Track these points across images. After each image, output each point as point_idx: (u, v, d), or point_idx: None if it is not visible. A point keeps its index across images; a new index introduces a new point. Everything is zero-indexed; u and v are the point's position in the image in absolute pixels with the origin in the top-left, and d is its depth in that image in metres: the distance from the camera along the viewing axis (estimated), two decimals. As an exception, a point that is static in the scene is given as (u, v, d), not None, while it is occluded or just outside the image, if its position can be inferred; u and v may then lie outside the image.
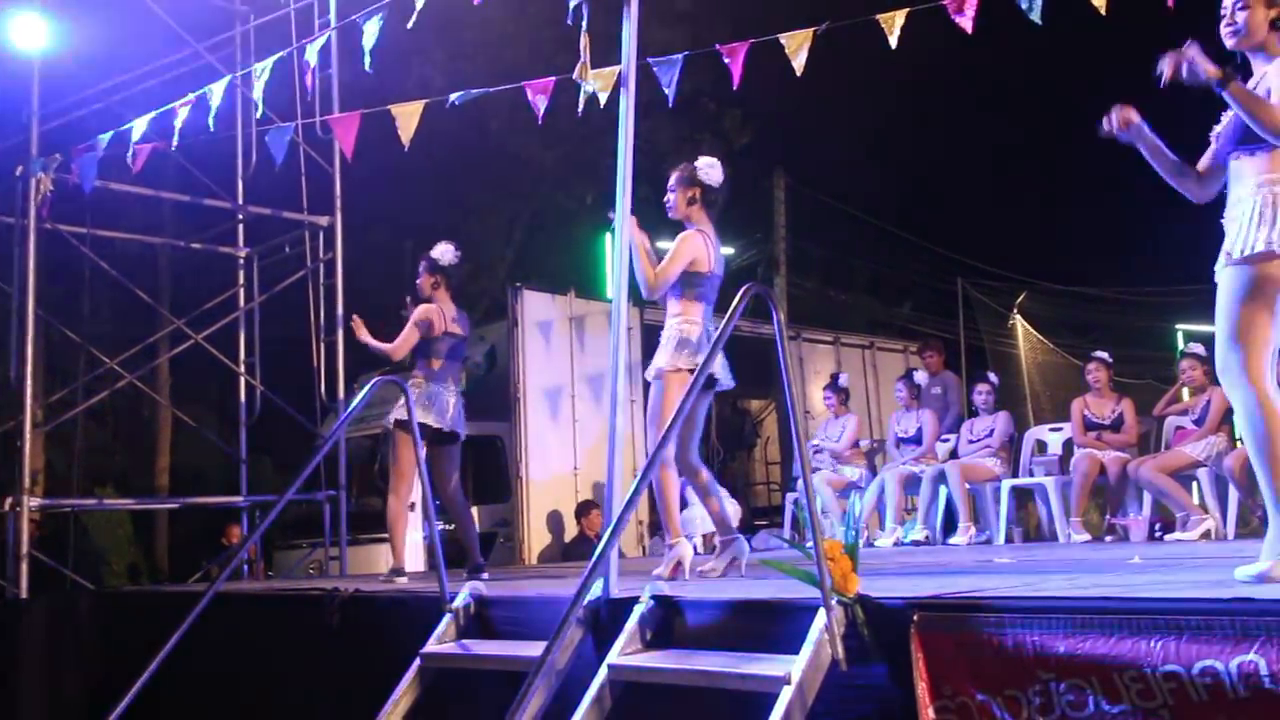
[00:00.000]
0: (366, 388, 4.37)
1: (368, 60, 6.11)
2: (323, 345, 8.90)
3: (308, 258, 9.06)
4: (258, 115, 8.09)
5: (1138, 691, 2.49)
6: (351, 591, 4.87)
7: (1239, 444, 7.11)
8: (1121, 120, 3.54)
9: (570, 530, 9.38)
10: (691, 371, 4.70)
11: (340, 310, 8.68)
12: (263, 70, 6.42)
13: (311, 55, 6.48)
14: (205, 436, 10.78)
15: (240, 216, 9.44)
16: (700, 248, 4.96)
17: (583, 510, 9.23)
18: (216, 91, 6.54)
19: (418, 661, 3.94)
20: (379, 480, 10.17)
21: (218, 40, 9.08)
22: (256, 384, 9.25)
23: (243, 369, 9.32)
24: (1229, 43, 3.48)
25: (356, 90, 9.11)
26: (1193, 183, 3.55)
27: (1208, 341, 8.20)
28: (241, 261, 9.53)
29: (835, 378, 9.41)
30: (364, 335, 6.30)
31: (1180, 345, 17.25)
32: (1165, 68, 3.37)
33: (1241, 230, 3.26)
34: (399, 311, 6.48)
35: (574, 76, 4.71)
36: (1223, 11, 3.49)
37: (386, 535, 9.12)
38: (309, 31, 7.96)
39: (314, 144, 8.76)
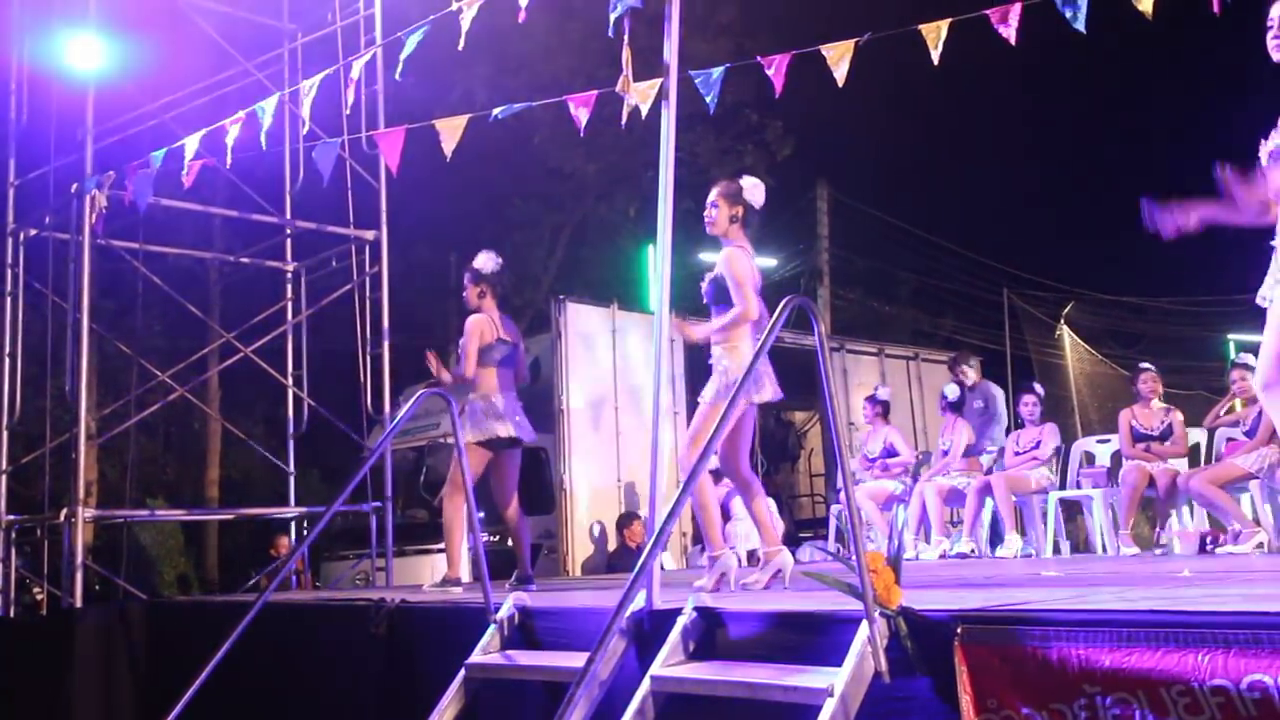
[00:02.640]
0: (412, 400, 4.41)
1: (399, 69, 6.17)
2: (369, 358, 8.99)
3: (354, 272, 9.16)
4: (304, 131, 8.21)
5: (1185, 706, 2.47)
6: (398, 602, 4.90)
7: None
8: (1175, 229, 3.50)
9: (613, 541, 9.40)
10: (742, 400, 4.69)
11: (386, 323, 8.77)
12: (310, 87, 6.51)
13: (357, 71, 6.56)
14: (254, 448, 10.92)
15: (288, 231, 9.57)
16: (747, 262, 4.99)
17: (625, 521, 9.25)
18: (268, 109, 6.64)
19: (463, 672, 3.96)
20: (424, 492, 10.26)
21: (266, 58, 9.23)
22: (304, 396, 9.37)
23: (290, 382, 9.44)
24: (1276, 55, 3.45)
25: (402, 105, 9.23)
26: (1246, 205, 3.50)
27: (1258, 351, 8.09)
28: (289, 276, 9.66)
29: (875, 391, 9.38)
30: (440, 372, 6.31)
31: (1232, 355, 17.02)
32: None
33: None
34: (452, 328, 6.52)
35: (616, 89, 4.74)
36: (1269, 23, 3.46)
37: (432, 546, 9.26)
38: (355, 48, 8.08)
39: (360, 159, 8.87)
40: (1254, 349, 9.19)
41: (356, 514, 8.86)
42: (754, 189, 5.08)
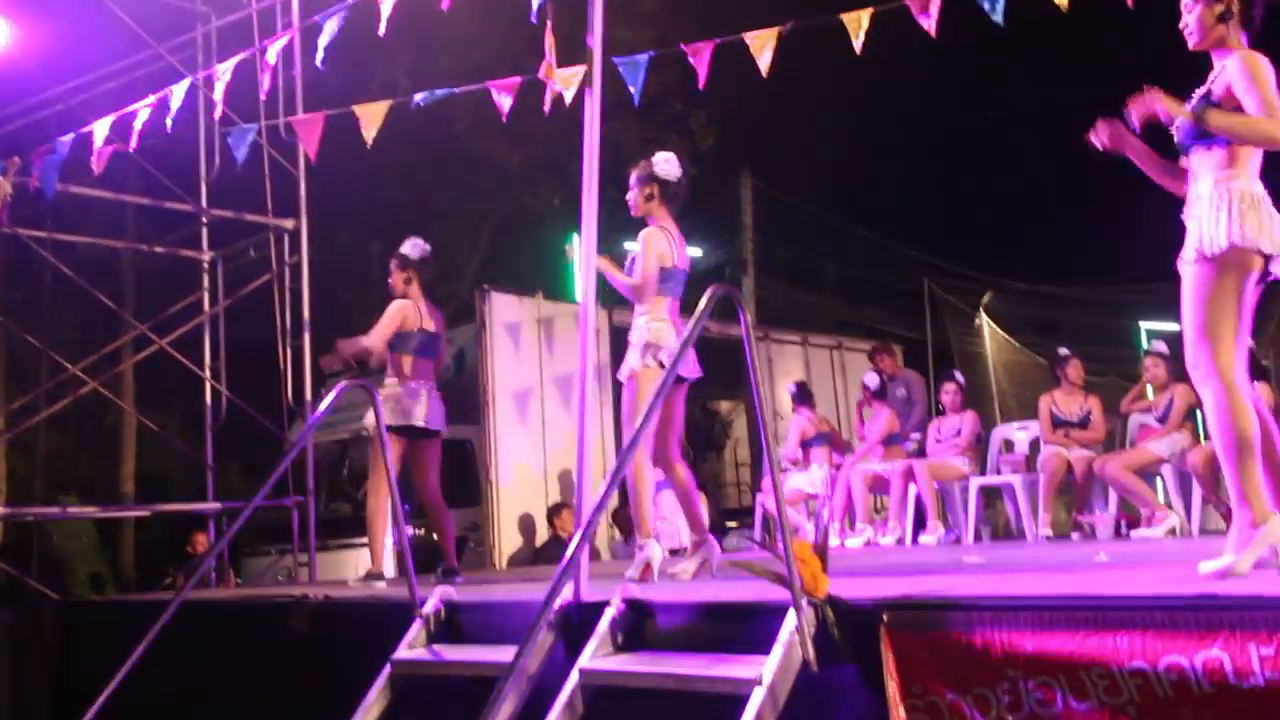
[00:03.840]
0: (334, 391, 4.33)
1: (320, 56, 6.07)
2: (289, 349, 8.83)
3: (273, 261, 8.98)
4: (219, 116, 8.02)
5: (1105, 688, 2.51)
6: (321, 598, 4.83)
7: (1202, 441, 7.19)
8: (1109, 137, 3.56)
9: (541, 533, 9.36)
10: (663, 367, 4.71)
11: (306, 314, 8.62)
12: (224, 71, 6.36)
13: (273, 56, 6.42)
14: (171, 443, 10.68)
15: (204, 220, 9.35)
16: (663, 242, 4.98)
17: (554, 512, 9.21)
18: (177, 93, 6.48)
19: (388, 668, 3.91)
20: (348, 485, 10.12)
21: (179, 41, 9.00)
22: (223, 389, 9.17)
23: (208, 374, 9.24)
24: (1190, 44, 3.52)
25: (320, 92, 9.06)
26: (1178, 180, 3.58)
27: (1171, 339, 8.31)
28: (205, 265, 9.44)
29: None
30: (346, 346, 6.21)
31: (1144, 343, 17.45)
32: (1133, 117, 3.43)
33: (1203, 226, 3.30)
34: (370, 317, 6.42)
35: (539, 76, 4.70)
36: (1181, 12, 3.53)
37: (356, 541, 9.14)
38: (272, 32, 7.90)
39: (278, 146, 8.69)
40: (1166, 336, 9.44)
41: (278, 509, 8.71)
42: (665, 163, 5.07)
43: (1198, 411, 7.28)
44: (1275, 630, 2.28)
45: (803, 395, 9.18)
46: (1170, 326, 15.60)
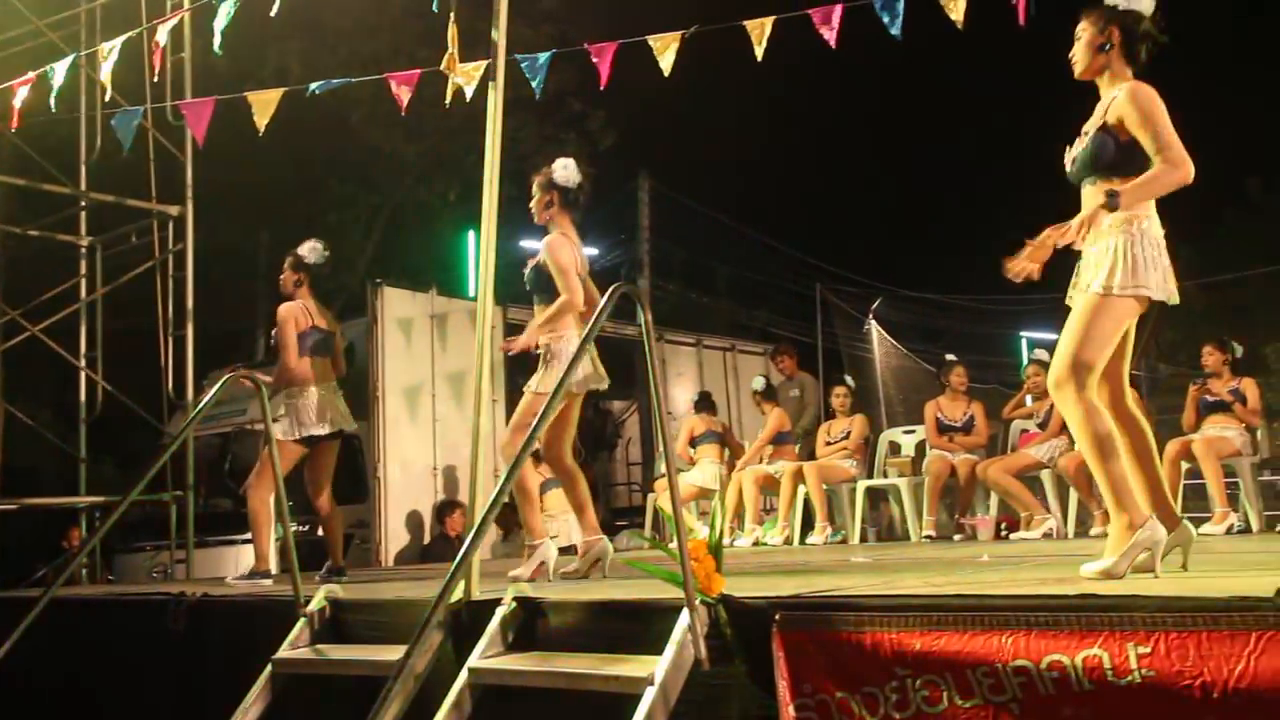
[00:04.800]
0: (218, 384, 4.21)
1: (217, 41, 5.89)
2: (171, 340, 8.55)
3: (156, 248, 8.69)
4: (104, 98, 7.73)
5: (989, 686, 2.56)
6: (199, 596, 4.68)
7: (1075, 446, 7.44)
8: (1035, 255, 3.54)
9: (430, 530, 9.24)
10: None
11: (190, 304, 8.36)
12: (110, 50, 6.13)
13: (162, 36, 6.21)
14: (41, 434, 10.24)
15: (83, 204, 9.00)
16: (570, 251, 4.96)
17: (445, 510, 9.09)
18: (59, 71, 6.22)
19: (269, 668, 3.81)
20: (229, 480, 9.85)
21: (61, 18, 8.65)
22: (98, 379, 8.84)
23: (83, 363, 8.89)
24: (1075, 73, 3.62)
25: (210, 76, 8.81)
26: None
27: (1052, 348, 8.58)
28: (84, 251, 9.09)
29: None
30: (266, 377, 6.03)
31: (1024, 351, 18.02)
32: (1023, 266, 3.46)
33: (1113, 264, 3.35)
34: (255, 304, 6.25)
35: (441, 68, 4.63)
36: (1077, 36, 3.63)
37: (237, 537, 8.90)
38: (160, 12, 7.65)
39: (164, 130, 8.42)
40: (1047, 345, 9.73)
41: (155, 503, 8.43)
42: (563, 170, 5.05)
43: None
44: (1152, 630, 2.36)
45: (704, 404, 9.31)
46: (1048, 335, 16.15)
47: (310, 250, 6.23)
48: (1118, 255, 3.35)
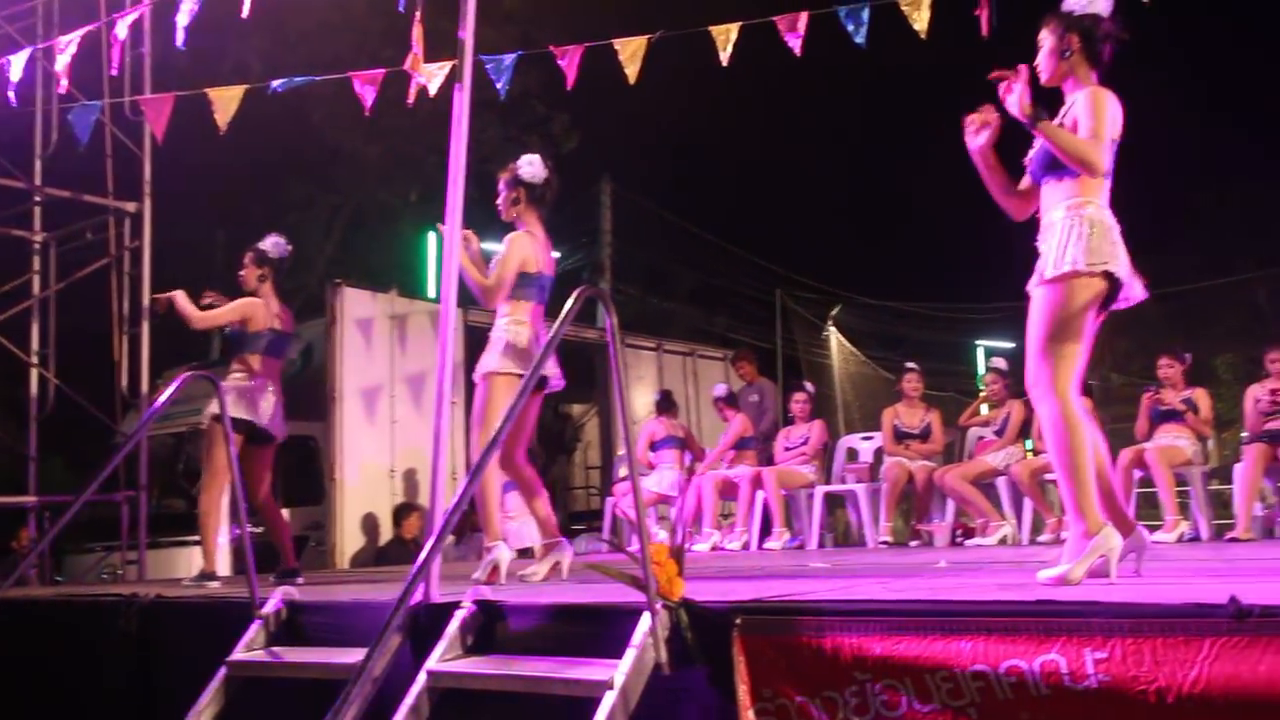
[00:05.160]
0: (175, 382, 4.15)
1: (180, 36, 5.83)
2: (125, 338, 8.43)
3: (112, 245, 8.57)
4: (63, 91, 7.62)
5: (948, 691, 2.58)
6: (152, 597, 4.61)
7: (1029, 455, 7.53)
8: (981, 120, 3.64)
9: (386, 533, 9.17)
10: (519, 376, 4.67)
11: (146, 302, 8.25)
12: (68, 43, 6.05)
13: (122, 30, 6.14)
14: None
15: (37, 199, 8.86)
16: (528, 248, 4.94)
17: (401, 513, 9.04)
18: (16, 64, 6.13)
19: (223, 670, 3.76)
20: (183, 480, 9.73)
21: (17, 10, 8.52)
22: (50, 377, 8.70)
23: (35, 360, 8.75)
24: (1041, 80, 3.67)
25: (168, 71, 8.71)
26: (1015, 201, 3.71)
27: (1006, 357, 8.69)
28: (37, 246, 8.94)
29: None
30: (182, 301, 5.96)
31: (980, 360, 18.21)
32: (1005, 86, 3.51)
33: (1053, 251, 3.43)
34: (199, 302, 6.16)
35: (405, 68, 4.60)
36: (1040, 45, 3.68)
37: (188, 538, 8.78)
38: (119, 6, 7.56)
39: (122, 125, 8.30)
40: (1001, 355, 9.83)
41: (106, 504, 8.31)
42: (529, 165, 5.04)
43: (1030, 427, 7.63)
44: (1109, 635, 2.38)
45: (665, 404, 9.29)
46: (1005, 345, 16.36)
47: (273, 245, 6.17)
48: (1060, 240, 3.40)
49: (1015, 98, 3.47)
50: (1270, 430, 6.88)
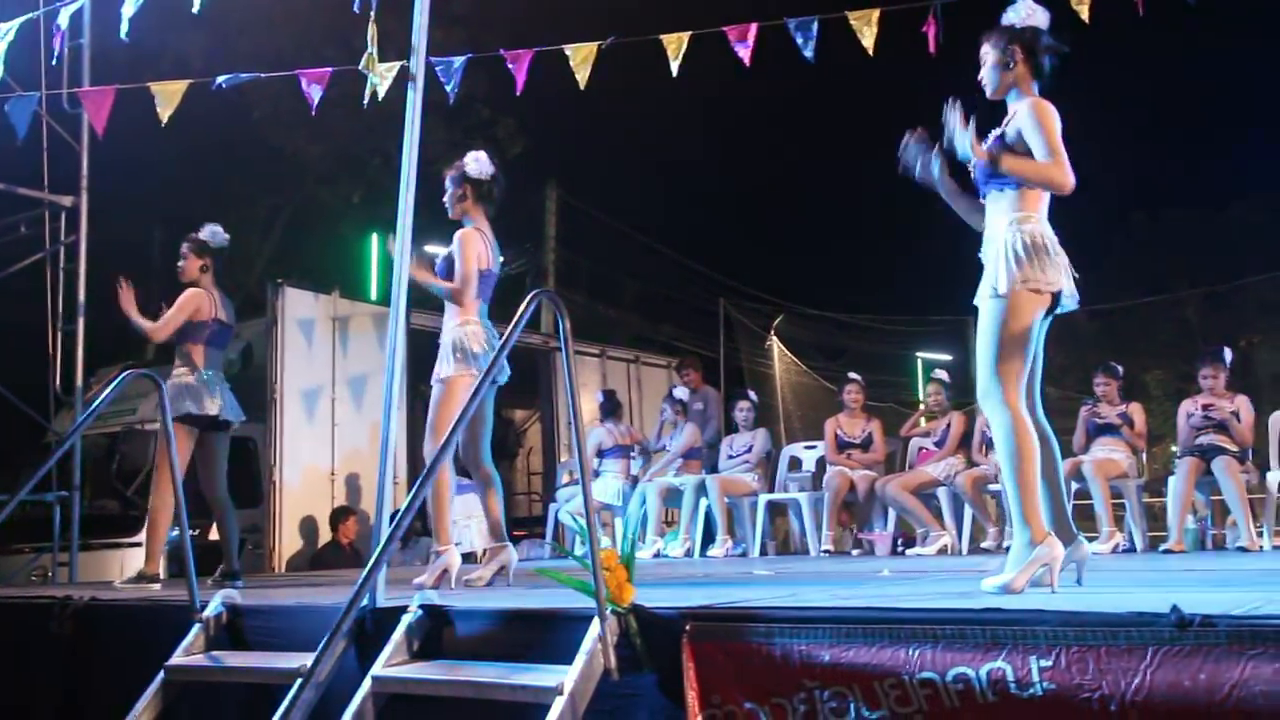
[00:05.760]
0: (116, 380, 4.07)
1: (125, 28, 5.74)
2: (60, 334, 8.25)
3: (46, 239, 8.39)
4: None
5: (896, 698, 2.60)
6: (87, 599, 4.51)
7: (970, 465, 7.64)
8: (917, 140, 3.70)
9: (323, 536, 9.06)
10: (475, 376, 4.65)
11: (82, 297, 8.09)
12: (7, 32, 5.92)
13: (64, 20, 6.02)
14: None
15: (-33, 190, 8.65)
16: (480, 244, 4.93)
17: (339, 516, 8.93)
18: (-50, 52, 5.98)
19: (162, 675, 3.69)
20: (117, 481, 9.53)
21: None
22: (-20, 373, 8.48)
23: (-36, 356, 8.53)
24: (987, 94, 3.73)
25: (106, 64, 8.53)
26: (980, 216, 3.75)
27: (947, 369, 8.80)
28: (-34, 239, 8.73)
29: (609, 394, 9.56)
30: (129, 306, 5.84)
31: (919, 372, 18.43)
32: (952, 121, 3.57)
33: (1000, 266, 3.48)
34: (148, 307, 6.06)
35: (360, 68, 4.57)
36: (980, 60, 3.74)
37: (122, 540, 8.61)
38: (56, -4, 7.40)
39: (59, 118, 8.13)
40: (943, 366, 9.95)
41: (36, 504, 8.11)
42: (475, 163, 5.04)
43: (970, 438, 7.74)
44: (1055, 644, 2.42)
45: (610, 406, 9.24)
46: (944, 356, 16.57)
47: (212, 234, 6.08)
48: (1006, 256, 3.46)
49: (965, 143, 3.53)
50: (1201, 445, 7.03)
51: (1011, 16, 3.67)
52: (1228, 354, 7.34)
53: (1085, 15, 6.04)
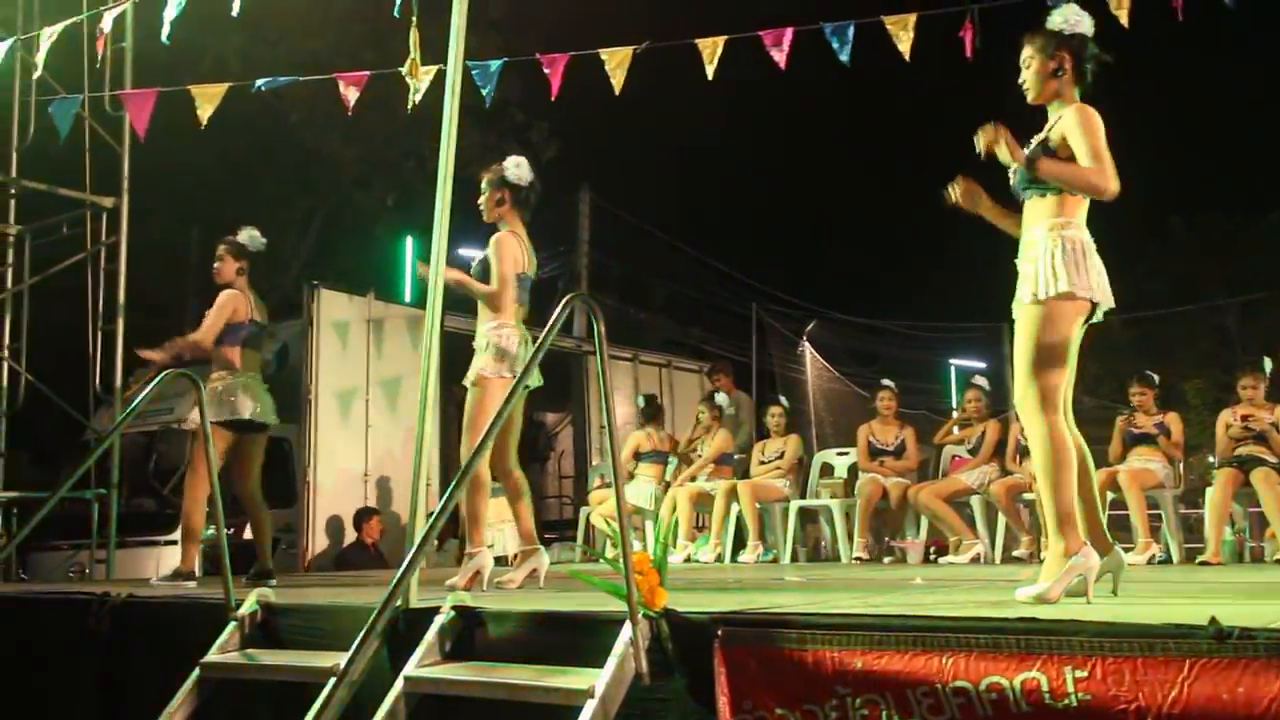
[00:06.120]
0: (155, 379, 4.12)
1: (167, 31, 5.81)
2: (100, 334, 8.35)
3: (88, 240, 8.50)
4: (36, 80, 7.54)
5: (928, 706, 2.59)
6: (124, 596, 4.56)
7: (1005, 474, 7.58)
8: (964, 194, 3.70)
9: (349, 536, 9.11)
10: (510, 379, 4.68)
11: (122, 297, 8.19)
12: (51, 34, 6.00)
13: (107, 24, 6.10)
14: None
15: (13, 191, 8.77)
16: (516, 248, 4.95)
17: (363, 517, 8.98)
18: (-2, 54, 6.08)
19: (197, 671, 3.72)
20: (154, 480, 9.64)
21: (-3, 1, 8.44)
22: (23, 371, 8.60)
23: (7, 355, 8.65)
24: (1029, 99, 3.70)
25: (146, 67, 8.64)
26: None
27: (984, 376, 8.74)
28: (12, 239, 8.85)
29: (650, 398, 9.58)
30: (158, 355, 5.86)
31: (953, 379, 18.34)
32: (981, 143, 3.57)
33: (1039, 272, 3.45)
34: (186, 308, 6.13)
35: (404, 73, 4.60)
36: (1021, 69, 3.71)
37: (159, 538, 8.70)
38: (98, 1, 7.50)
39: (100, 119, 8.23)
40: (976, 373, 9.87)
41: (74, 501, 8.21)
42: (516, 168, 5.05)
43: (1005, 446, 7.68)
44: (1090, 655, 2.40)
45: (651, 411, 9.26)
46: (978, 364, 16.49)
47: (250, 238, 6.14)
48: (1045, 262, 3.44)
49: (1005, 153, 3.51)
50: (1240, 456, 6.95)
51: (1058, 22, 3.63)
52: (1268, 364, 7.25)
53: (1125, 20, 5.99)
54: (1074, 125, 3.49)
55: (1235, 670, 2.26)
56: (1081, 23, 3.63)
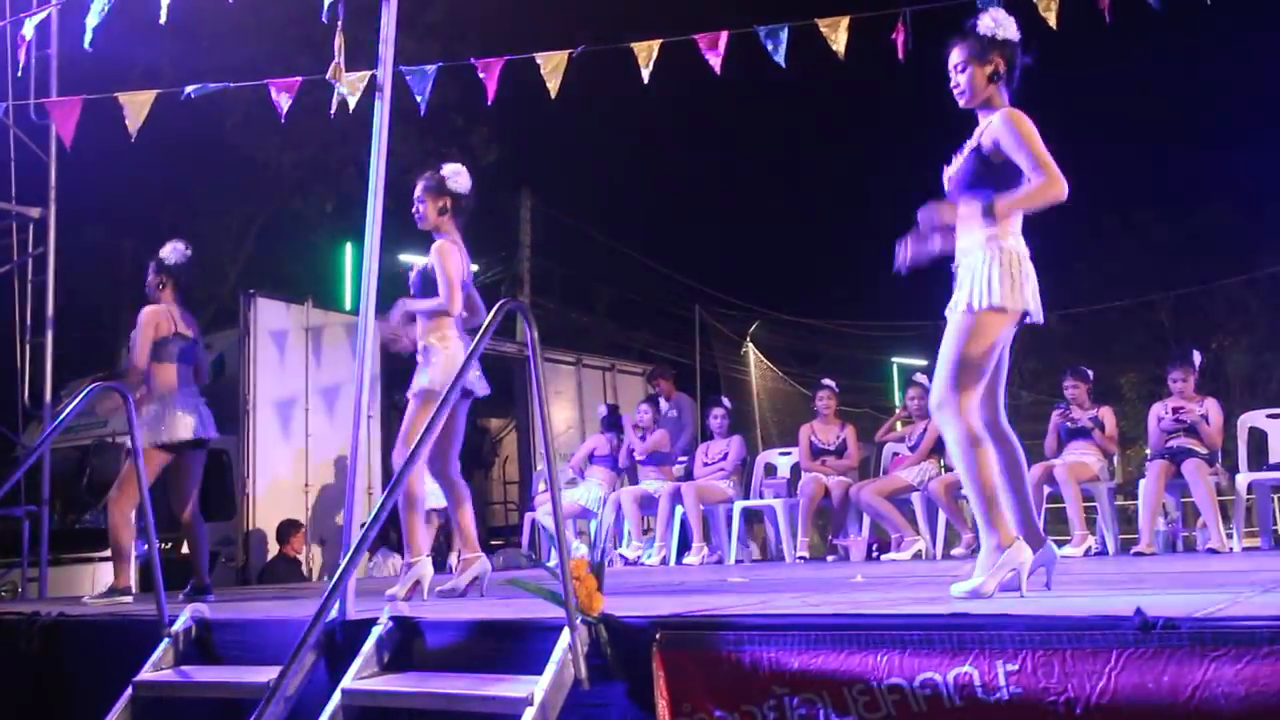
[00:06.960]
0: (82, 393, 4.03)
1: (89, 38, 5.70)
2: (28, 347, 8.18)
3: (14, 251, 8.32)
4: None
5: (864, 704, 2.61)
6: (54, 615, 4.46)
7: (945, 471, 7.67)
8: (909, 260, 3.74)
9: (272, 550, 9.00)
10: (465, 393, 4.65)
11: (51, 310, 8.02)
12: (-29, 43, 5.87)
13: (30, 31, 5.97)
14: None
15: (-65, 202, 8.57)
16: (459, 256, 4.92)
17: (287, 530, 8.87)
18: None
19: (130, 690, 3.65)
20: (87, 495, 9.46)
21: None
22: (-53, 387, 8.41)
23: (-70, 369, 8.45)
24: (960, 104, 3.72)
25: (74, 74, 8.48)
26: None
27: (925, 374, 8.84)
28: (-68, 250, 8.65)
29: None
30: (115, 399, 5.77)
31: (895, 376, 18.52)
32: (902, 257, 3.62)
33: (974, 284, 3.47)
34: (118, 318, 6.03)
35: (327, 77, 4.55)
36: (950, 73, 3.73)
37: (94, 555, 8.53)
38: (23, 5, 7.35)
39: (26, 128, 8.07)
40: (918, 370, 9.99)
41: (4, 518, 8.03)
42: (456, 176, 5.02)
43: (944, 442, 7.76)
44: (1021, 648, 2.43)
45: (611, 420, 9.26)
46: (919, 362, 16.67)
47: (171, 251, 6.03)
48: (981, 273, 3.46)
49: (942, 221, 3.57)
50: (1172, 448, 7.09)
51: (988, 26, 3.64)
52: (1197, 357, 7.40)
53: (1052, 21, 6.08)
54: (1009, 134, 3.49)
55: (1160, 660, 2.29)
56: (1008, 27, 3.66)
